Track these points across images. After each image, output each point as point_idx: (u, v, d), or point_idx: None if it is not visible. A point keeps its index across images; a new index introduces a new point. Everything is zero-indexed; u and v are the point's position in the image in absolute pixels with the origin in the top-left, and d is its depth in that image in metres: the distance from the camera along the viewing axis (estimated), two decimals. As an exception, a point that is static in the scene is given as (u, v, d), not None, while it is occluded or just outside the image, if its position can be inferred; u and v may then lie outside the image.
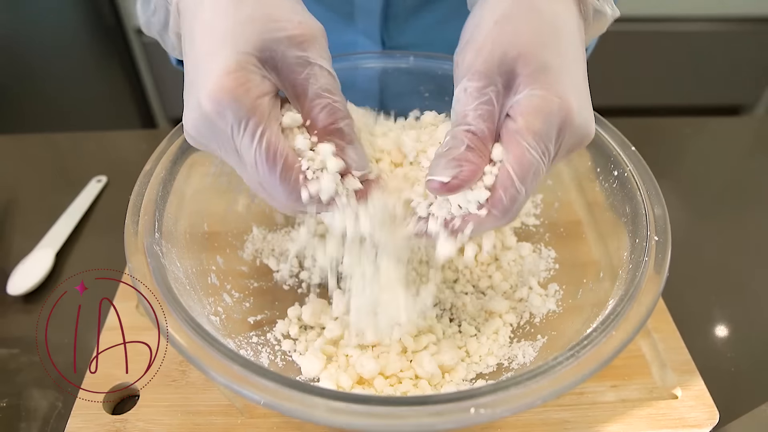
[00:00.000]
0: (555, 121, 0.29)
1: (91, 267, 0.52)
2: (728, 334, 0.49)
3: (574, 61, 0.31)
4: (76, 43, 1.56)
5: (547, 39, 0.30)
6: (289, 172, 0.30)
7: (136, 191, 0.38)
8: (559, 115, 0.29)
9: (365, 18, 0.57)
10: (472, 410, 0.26)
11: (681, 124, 0.74)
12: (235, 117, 0.29)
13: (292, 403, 0.27)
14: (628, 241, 0.37)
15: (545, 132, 0.30)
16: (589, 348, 0.29)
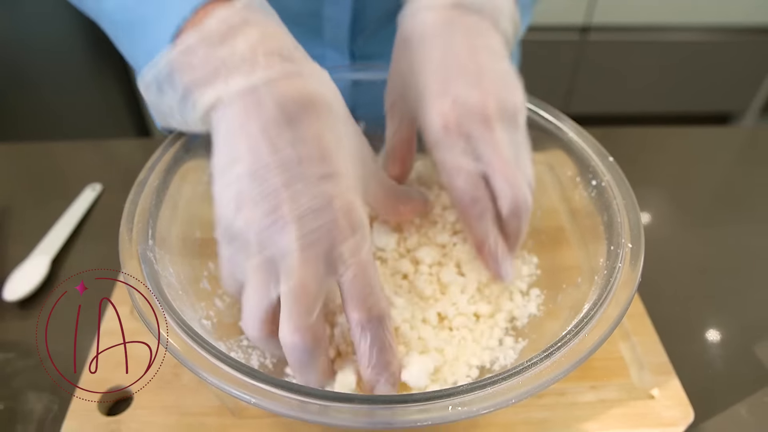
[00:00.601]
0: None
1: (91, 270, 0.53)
2: (705, 338, 0.51)
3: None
4: (71, 52, 1.58)
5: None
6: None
7: (131, 199, 0.39)
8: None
9: (334, 31, 0.58)
10: (449, 408, 0.27)
11: (668, 134, 0.76)
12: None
13: (280, 403, 0.28)
14: (605, 247, 0.39)
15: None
16: (563, 349, 0.30)
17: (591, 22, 1.67)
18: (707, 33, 1.71)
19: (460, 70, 0.36)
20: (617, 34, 1.71)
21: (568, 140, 0.45)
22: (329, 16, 0.57)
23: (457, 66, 0.36)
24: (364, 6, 0.57)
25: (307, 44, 0.61)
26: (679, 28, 1.70)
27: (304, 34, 0.61)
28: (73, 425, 0.41)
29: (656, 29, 1.70)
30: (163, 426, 0.41)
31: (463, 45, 0.37)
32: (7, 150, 0.74)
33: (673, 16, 1.67)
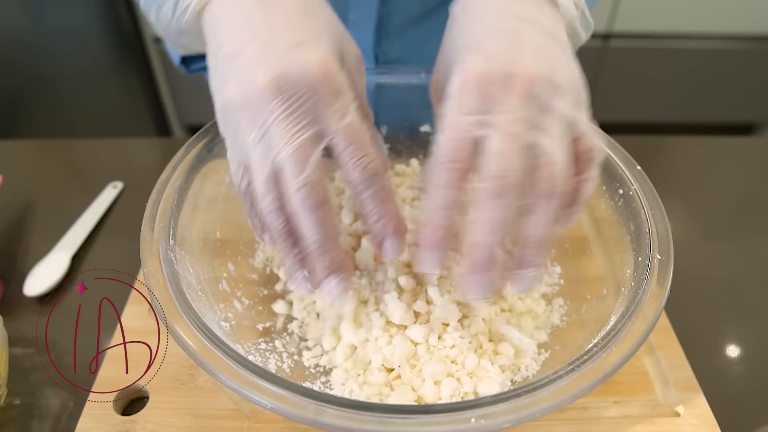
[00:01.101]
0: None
1: (106, 269, 0.53)
2: (733, 354, 0.49)
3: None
4: (94, 51, 1.60)
5: None
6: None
7: (153, 199, 0.39)
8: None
9: (358, 35, 0.58)
10: (473, 420, 0.27)
11: (691, 143, 0.74)
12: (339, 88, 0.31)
13: (296, 408, 0.28)
14: (631, 258, 0.38)
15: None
16: (590, 363, 0.30)
17: (612, 30, 1.66)
18: (731, 41, 1.69)
19: (500, 34, 0.32)
20: (639, 41, 1.69)
21: (595, 148, 0.44)
22: (354, 20, 0.57)
23: (499, 31, 0.33)
24: (388, 11, 0.57)
25: None
26: (702, 36, 1.68)
27: None
28: (88, 423, 0.41)
29: (680, 37, 1.68)
30: (178, 427, 0.41)
31: (509, 17, 0.33)
32: (30, 146, 0.75)
33: (695, 24, 1.65)
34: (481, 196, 0.30)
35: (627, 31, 1.66)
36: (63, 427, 0.43)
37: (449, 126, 0.31)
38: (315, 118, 0.30)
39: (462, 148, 0.30)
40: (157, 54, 1.70)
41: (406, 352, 0.39)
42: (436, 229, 0.31)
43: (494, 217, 0.30)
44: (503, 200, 0.30)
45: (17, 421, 0.44)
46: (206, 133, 0.45)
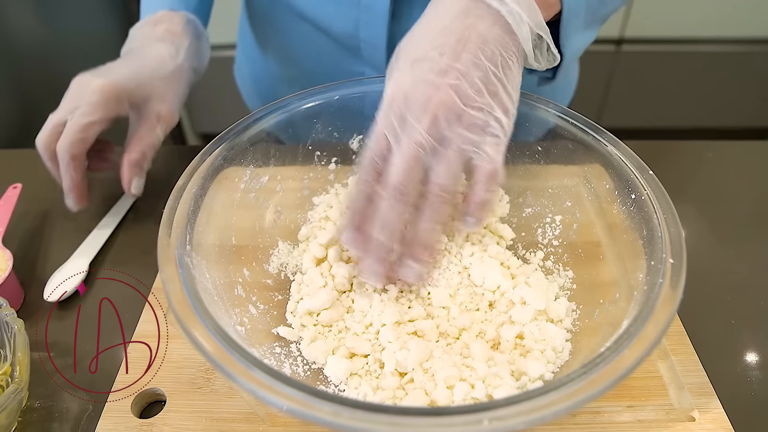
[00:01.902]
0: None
1: (123, 274, 0.53)
2: (748, 359, 0.49)
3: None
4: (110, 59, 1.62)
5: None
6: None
7: (170, 205, 0.40)
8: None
9: (370, 51, 0.61)
10: (485, 422, 0.27)
11: (703, 147, 0.74)
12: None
13: (312, 410, 0.28)
14: (644, 262, 0.38)
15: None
16: (602, 366, 0.30)
17: (624, 35, 1.66)
18: (743, 45, 1.68)
19: (438, 51, 0.38)
20: (651, 46, 1.69)
21: (606, 153, 0.44)
22: (365, 38, 0.59)
23: (439, 47, 0.38)
24: (399, 29, 0.58)
25: (347, 62, 0.63)
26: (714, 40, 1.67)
27: (344, 52, 0.63)
28: (107, 425, 0.42)
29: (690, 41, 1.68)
30: (194, 430, 0.42)
31: (455, 33, 0.38)
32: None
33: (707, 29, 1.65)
34: (381, 201, 0.39)
35: (639, 37, 1.66)
36: (83, 430, 0.44)
37: (375, 136, 0.39)
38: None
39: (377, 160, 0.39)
40: (171, 63, 1.72)
41: (419, 356, 0.40)
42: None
43: (389, 218, 0.39)
44: (398, 205, 0.38)
45: (37, 424, 0.44)
46: (221, 141, 0.46)
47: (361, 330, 0.43)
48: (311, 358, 0.42)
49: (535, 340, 0.41)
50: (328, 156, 0.54)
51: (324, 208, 0.52)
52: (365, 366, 0.41)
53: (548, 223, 0.51)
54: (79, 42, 1.57)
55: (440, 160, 0.38)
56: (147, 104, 0.57)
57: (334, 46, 0.63)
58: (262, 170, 0.50)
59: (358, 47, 0.61)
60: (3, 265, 0.52)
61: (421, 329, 0.43)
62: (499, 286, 0.45)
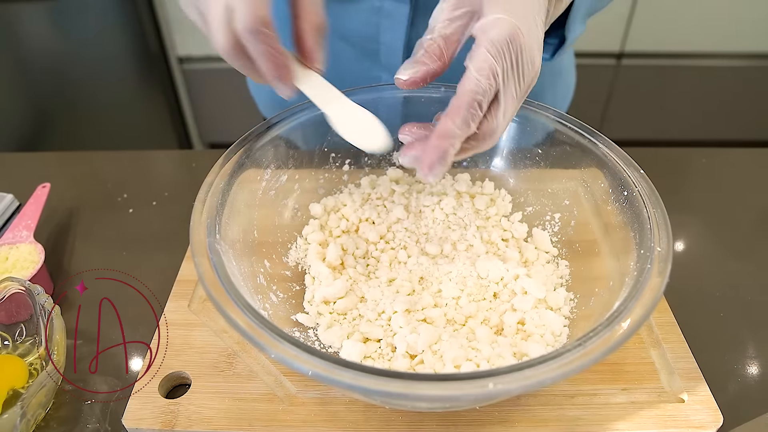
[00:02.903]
0: (505, 33, 0.37)
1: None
2: (734, 348, 0.52)
3: (531, 1, 0.39)
4: (121, 69, 1.67)
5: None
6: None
7: (200, 198, 0.43)
8: (509, 29, 0.37)
9: (389, 55, 0.64)
10: (490, 385, 0.30)
11: (697, 154, 0.77)
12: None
13: (335, 375, 0.31)
14: (635, 252, 0.41)
15: (498, 39, 0.37)
16: (595, 339, 0.33)
17: (625, 50, 1.70)
18: (743, 59, 1.72)
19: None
20: (651, 60, 1.73)
21: (601, 154, 0.48)
22: (385, 41, 0.62)
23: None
24: (418, 34, 0.61)
25: (364, 67, 0.67)
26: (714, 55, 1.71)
27: (362, 56, 0.67)
28: (136, 405, 0.45)
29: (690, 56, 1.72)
30: (218, 409, 0.45)
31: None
32: (72, 157, 0.80)
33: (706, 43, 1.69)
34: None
35: (639, 51, 1.71)
36: (113, 410, 0.47)
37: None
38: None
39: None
40: (180, 73, 1.76)
41: (428, 339, 0.43)
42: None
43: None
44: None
45: (69, 404, 0.48)
46: (243, 142, 0.49)
47: (374, 317, 0.47)
48: (328, 343, 0.45)
49: (536, 325, 0.45)
50: (342, 158, 0.58)
51: (319, 212, 0.56)
52: (378, 349, 0.45)
53: (548, 221, 0.54)
54: (92, 52, 1.61)
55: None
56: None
57: (352, 51, 0.66)
58: (281, 171, 0.53)
59: (377, 51, 0.64)
60: (35, 258, 0.56)
61: (430, 316, 0.46)
62: (503, 277, 0.49)
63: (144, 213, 0.67)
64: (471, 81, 0.37)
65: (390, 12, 0.60)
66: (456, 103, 0.38)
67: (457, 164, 0.59)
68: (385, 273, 0.50)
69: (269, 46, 0.40)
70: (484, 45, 0.37)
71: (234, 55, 0.41)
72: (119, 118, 1.76)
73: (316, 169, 0.57)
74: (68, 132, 1.76)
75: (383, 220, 0.54)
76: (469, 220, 0.54)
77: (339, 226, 0.54)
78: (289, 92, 0.44)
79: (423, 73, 0.40)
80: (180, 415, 0.44)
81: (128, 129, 1.79)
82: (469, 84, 0.37)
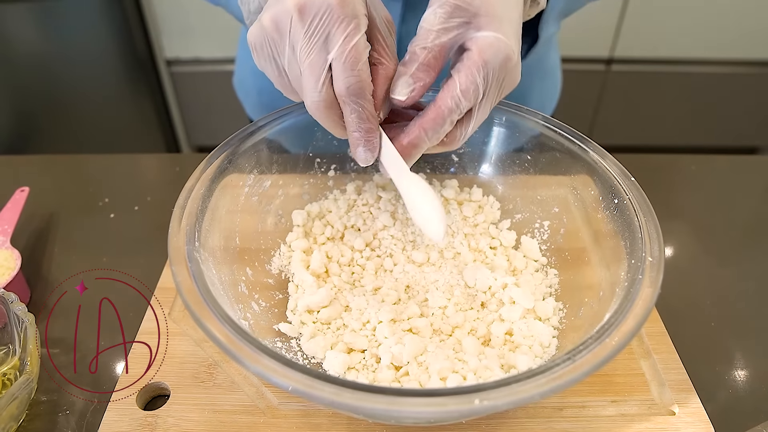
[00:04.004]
0: (501, 57, 0.38)
1: (123, 274, 0.55)
2: (726, 359, 0.51)
3: (517, 18, 0.40)
4: (108, 72, 1.65)
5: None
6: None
7: (179, 203, 0.42)
8: (505, 53, 0.38)
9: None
10: (476, 401, 0.29)
11: (687, 161, 0.77)
12: (354, 11, 0.37)
13: (316, 391, 0.30)
14: (626, 262, 0.40)
15: (492, 63, 0.38)
16: (585, 353, 0.32)
17: (614, 55, 1.70)
18: (731, 66, 1.73)
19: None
20: (640, 66, 1.73)
21: (591, 161, 0.47)
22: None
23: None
24: (408, 32, 0.61)
25: None
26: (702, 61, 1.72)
27: None
28: (113, 417, 0.44)
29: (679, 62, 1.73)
30: (197, 422, 0.43)
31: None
32: (52, 161, 0.78)
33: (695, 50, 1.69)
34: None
35: (628, 57, 1.71)
36: (89, 422, 0.45)
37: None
38: (327, 36, 0.37)
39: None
40: (168, 77, 1.75)
41: (414, 350, 0.42)
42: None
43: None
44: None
45: (45, 416, 0.46)
46: (227, 146, 0.48)
47: (358, 327, 0.45)
48: (311, 353, 0.44)
49: (524, 336, 0.44)
50: (327, 163, 0.56)
51: (302, 220, 0.54)
52: (362, 360, 0.43)
53: (537, 228, 0.53)
54: (78, 54, 1.59)
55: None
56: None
57: None
58: (264, 176, 0.52)
59: None
60: (11, 264, 0.54)
61: (416, 326, 0.45)
62: (490, 286, 0.48)
63: (126, 218, 0.66)
64: (453, 99, 0.38)
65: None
66: (432, 115, 0.39)
67: (444, 170, 0.58)
68: (370, 281, 0.49)
69: (366, 110, 0.40)
70: (476, 64, 0.37)
71: (325, 113, 0.40)
72: (106, 121, 1.74)
73: (300, 174, 0.55)
74: (54, 135, 1.73)
75: (369, 227, 0.53)
76: (457, 228, 0.53)
77: (324, 233, 0.53)
78: (371, 159, 0.42)
79: (420, 89, 0.40)
80: (158, 428, 0.43)
81: (115, 132, 1.77)
82: (450, 101, 0.38)
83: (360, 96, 0.39)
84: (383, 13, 0.41)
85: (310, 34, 0.37)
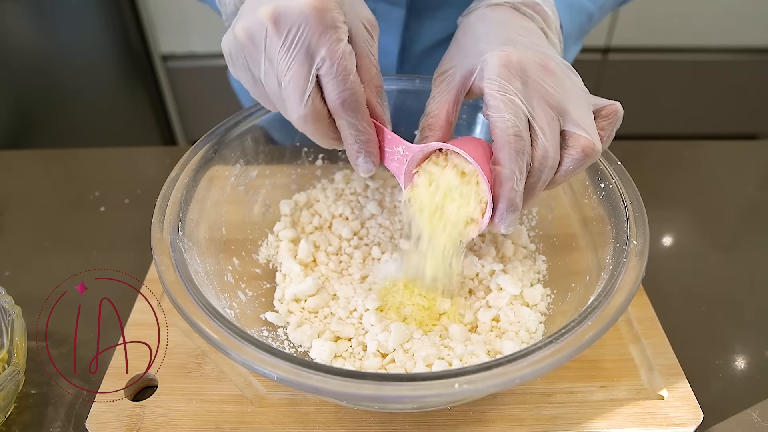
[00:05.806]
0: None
1: (123, 274, 0.54)
2: (716, 343, 0.51)
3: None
4: (104, 67, 1.65)
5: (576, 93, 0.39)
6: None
7: (163, 193, 0.42)
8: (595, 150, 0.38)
9: (384, 57, 0.62)
10: (456, 385, 0.29)
11: (680, 147, 0.76)
12: (332, 21, 0.35)
13: (302, 378, 0.30)
14: (612, 246, 0.40)
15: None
16: (567, 336, 0.32)
17: (611, 44, 1.69)
18: (728, 54, 1.72)
19: (519, 38, 0.40)
20: (637, 54, 1.72)
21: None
22: (380, 44, 0.60)
23: (516, 35, 0.40)
24: (411, 37, 0.60)
25: None
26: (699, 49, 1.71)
27: None
28: (101, 408, 0.44)
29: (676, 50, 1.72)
30: (186, 412, 0.43)
31: (518, 26, 0.42)
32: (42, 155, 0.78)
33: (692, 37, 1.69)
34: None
35: (625, 46, 1.70)
36: (77, 413, 0.45)
37: (505, 102, 0.37)
38: (308, 48, 0.35)
39: (524, 121, 0.37)
40: (164, 71, 1.74)
41: (400, 337, 0.42)
42: (516, 187, 0.37)
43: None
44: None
45: (33, 408, 0.46)
46: (212, 135, 0.48)
47: (345, 315, 0.45)
48: (297, 342, 0.44)
49: (510, 323, 0.44)
50: (315, 153, 0.56)
51: (290, 209, 0.54)
52: (349, 348, 0.43)
53: (525, 215, 0.53)
54: (74, 50, 1.59)
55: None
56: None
57: None
58: (251, 166, 0.52)
59: None
60: None
61: (402, 314, 0.45)
62: (478, 273, 0.48)
63: (116, 212, 0.66)
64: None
65: (384, 14, 0.59)
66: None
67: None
68: (357, 270, 0.49)
69: (364, 122, 0.38)
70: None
71: (314, 126, 0.38)
72: (102, 116, 1.73)
73: (288, 164, 0.55)
74: (51, 131, 1.73)
75: (357, 216, 0.53)
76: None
77: (311, 223, 0.53)
78: (373, 169, 0.41)
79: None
80: (146, 418, 0.43)
81: (112, 127, 1.77)
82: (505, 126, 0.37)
83: (356, 109, 0.37)
84: (363, 15, 0.39)
85: (287, 46, 0.35)
